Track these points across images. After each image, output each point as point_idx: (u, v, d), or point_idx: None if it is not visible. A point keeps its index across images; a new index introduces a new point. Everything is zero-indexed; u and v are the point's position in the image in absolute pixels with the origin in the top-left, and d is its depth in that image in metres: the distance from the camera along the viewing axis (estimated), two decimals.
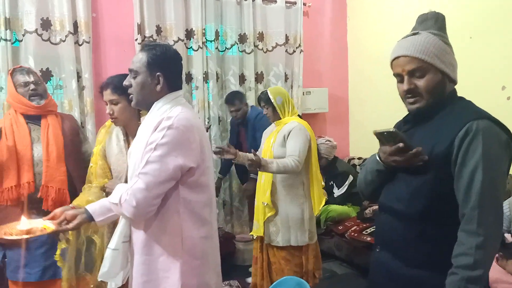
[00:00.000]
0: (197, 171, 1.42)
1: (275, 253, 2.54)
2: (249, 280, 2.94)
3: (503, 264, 2.15)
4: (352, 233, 3.42)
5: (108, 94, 1.89)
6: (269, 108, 2.59)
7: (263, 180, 2.56)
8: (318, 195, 2.57)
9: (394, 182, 1.31)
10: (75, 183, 2.20)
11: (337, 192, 3.80)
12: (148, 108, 1.51)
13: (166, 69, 1.47)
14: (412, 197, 1.23)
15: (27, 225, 1.52)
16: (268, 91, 2.60)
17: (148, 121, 1.47)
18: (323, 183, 2.68)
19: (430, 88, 1.22)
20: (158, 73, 1.46)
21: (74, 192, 2.15)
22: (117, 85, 1.84)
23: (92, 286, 1.95)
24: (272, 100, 2.55)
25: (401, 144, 1.22)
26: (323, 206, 2.78)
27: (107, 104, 1.91)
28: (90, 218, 1.51)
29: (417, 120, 1.29)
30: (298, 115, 2.69)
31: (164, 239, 1.42)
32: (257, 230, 2.57)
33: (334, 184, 3.81)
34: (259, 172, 2.58)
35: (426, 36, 1.22)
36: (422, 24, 1.27)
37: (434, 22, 1.25)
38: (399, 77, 1.27)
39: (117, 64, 3.40)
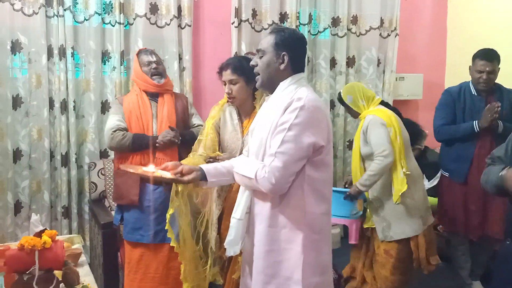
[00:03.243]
0: (324, 150, 1.46)
1: (379, 244, 2.51)
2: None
3: None
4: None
5: (227, 74, 1.99)
6: (345, 108, 2.67)
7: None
8: (399, 181, 2.41)
9: None
10: (183, 156, 2.34)
11: (427, 184, 3.63)
12: (271, 89, 1.57)
13: (291, 49, 1.52)
14: None
15: (150, 169, 1.63)
16: (341, 92, 2.65)
17: (275, 100, 1.53)
18: (404, 171, 2.43)
19: None
20: (283, 53, 1.51)
21: None
22: (237, 65, 1.95)
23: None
24: (344, 100, 2.58)
25: None
26: None
27: (225, 84, 2.02)
28: (203, 177, 1.59)
29: None
30: (382, 102, 2.59)
31: (287, 213, 1.48)
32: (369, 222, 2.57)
33: (424, 175, 3.65)
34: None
35: None
36: None
37: None
38: None
39: (214, 46, 3.53)
